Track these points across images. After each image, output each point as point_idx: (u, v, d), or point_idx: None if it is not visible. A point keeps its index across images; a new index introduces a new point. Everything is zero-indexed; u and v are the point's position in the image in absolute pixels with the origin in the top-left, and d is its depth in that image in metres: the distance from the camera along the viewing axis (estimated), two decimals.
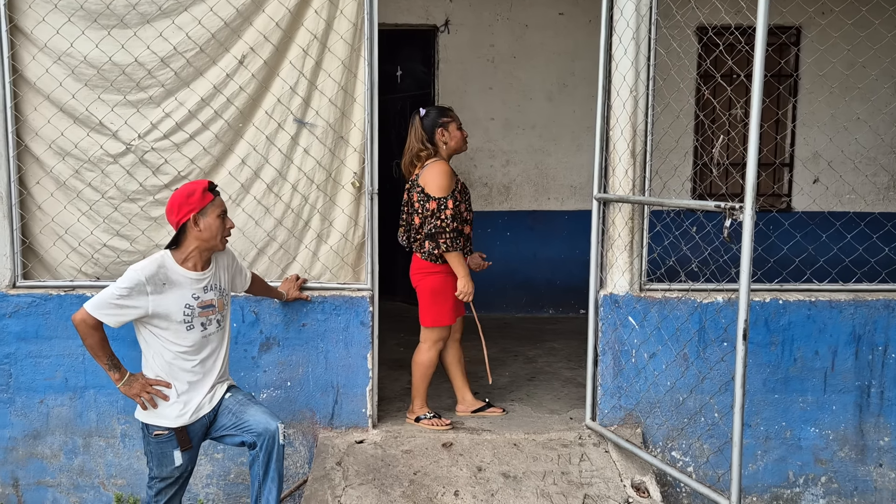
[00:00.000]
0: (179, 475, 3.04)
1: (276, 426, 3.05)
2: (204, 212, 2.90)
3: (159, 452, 2.99)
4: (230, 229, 3.02)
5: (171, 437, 2.96)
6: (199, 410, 3.01)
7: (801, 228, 4.50)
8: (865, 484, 3.84)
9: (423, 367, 3.93)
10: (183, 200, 2.90)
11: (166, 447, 2.98)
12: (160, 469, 3.01)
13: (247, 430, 3.05)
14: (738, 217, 2.84)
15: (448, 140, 3.82)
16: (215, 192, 2.96)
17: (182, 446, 2.98)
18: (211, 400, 3.06)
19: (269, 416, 3.08)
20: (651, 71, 3.64)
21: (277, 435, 3.04)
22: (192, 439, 3.02)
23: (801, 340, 3.76)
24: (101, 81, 3.69)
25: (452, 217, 3.70)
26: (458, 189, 3.79)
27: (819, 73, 5.91)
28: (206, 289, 2.99)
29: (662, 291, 3.75)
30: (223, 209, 2.97)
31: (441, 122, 3.82)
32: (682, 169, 5.46)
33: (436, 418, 3.93)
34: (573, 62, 6.52)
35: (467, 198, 3.89)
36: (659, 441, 3.81)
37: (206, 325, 3.00)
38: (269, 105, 3.75)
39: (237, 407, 3.09)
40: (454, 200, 3.72)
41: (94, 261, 3.84)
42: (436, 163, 3.76)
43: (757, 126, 2.78)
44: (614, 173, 3.72)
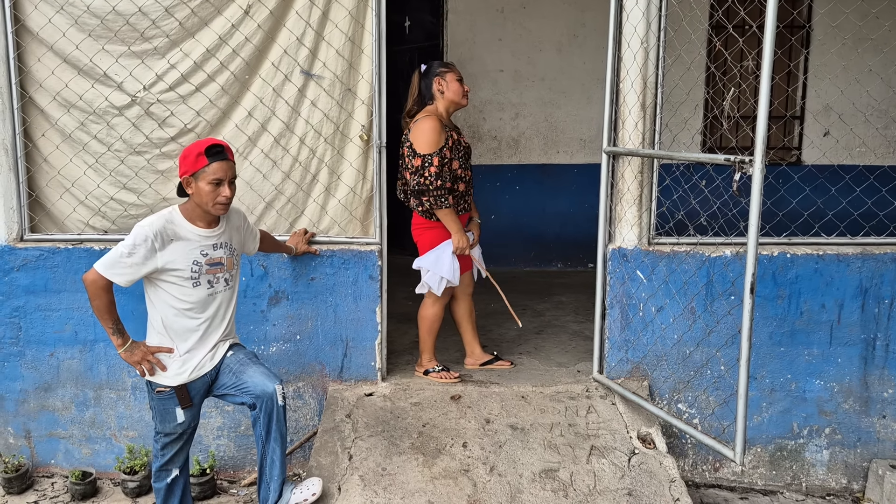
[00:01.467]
0: (183, 431, 3.07)
1: (273, 388, 3.01)
2: (196, 175, 2.84)
3: (162, 409, 3.02)
4: (226, 198, 2.88)
5: (171, 395, 2.98)
6: (199, 368, 3.01)
7: (811, 182, 4.47)
8: (868, 435, 3.89)
9: (428, 321, 3.95)
10: (182, 160, 2.87)
11: (168, 404, 3.00)
12: (163, 425, 3.05)
13: (245, 391, 3.04)
14: (747, 171, 2.82)
15: (445, 90, 3.74)
16: (214, 157, 2.83)
17: (182, 404, 3.00)
18: (213, 358, 3.06)
19: (267, 378, 3.04)
20: (662, 22, 3.57)
21: (276, 397, 3.01)
22: (193, 397, 3.03)
23: (808, 294, 3.76)
24: (105, 31, 3.63)
25: (437, 175, 3.62)
26: (447, 146, 3.68)
27: (832, 24, 5.80)
28: (215, 246, 2.98)
29: (671, 245, 3.75)
30: (217, 177, 2.83)
31: (439, 72, 3.77)
32: (693, 122, 5.41)
33: (444, 371, 3.96)
34: (583, 13, 6.40)
35: (461, 154, 3.78)
36: (665, 393, 3.85)
37: (213, 282, 2.99)
38: (276, 56, 3.70)
39: (237, 367, 3.08)
40: (441, 157, 3.64)
41: (101, 214, 3.84)
42: (425, 119, 3.68)
43: (768, 79, 2.73)
44: (624, 126, 3.68)
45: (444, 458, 3.37)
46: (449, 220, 3.72)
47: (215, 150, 2.85)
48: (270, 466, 3.11)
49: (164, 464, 3.12)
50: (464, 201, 3.86)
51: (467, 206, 3.90)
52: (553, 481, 3.26)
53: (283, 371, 3.88)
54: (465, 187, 3.82)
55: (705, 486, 3.95)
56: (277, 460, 3.10)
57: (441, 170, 3.65)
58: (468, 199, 3.89)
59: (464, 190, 3.82)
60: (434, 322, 3.96)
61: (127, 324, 3.40)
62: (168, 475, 3.13)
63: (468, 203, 3.90)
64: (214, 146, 2.85)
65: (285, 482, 3.14)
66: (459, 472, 3.30)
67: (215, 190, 2.85)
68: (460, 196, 3.82)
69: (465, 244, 3.76)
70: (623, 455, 3.42)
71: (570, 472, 3.31)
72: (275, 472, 3.11)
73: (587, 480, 3.27)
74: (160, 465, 3.12)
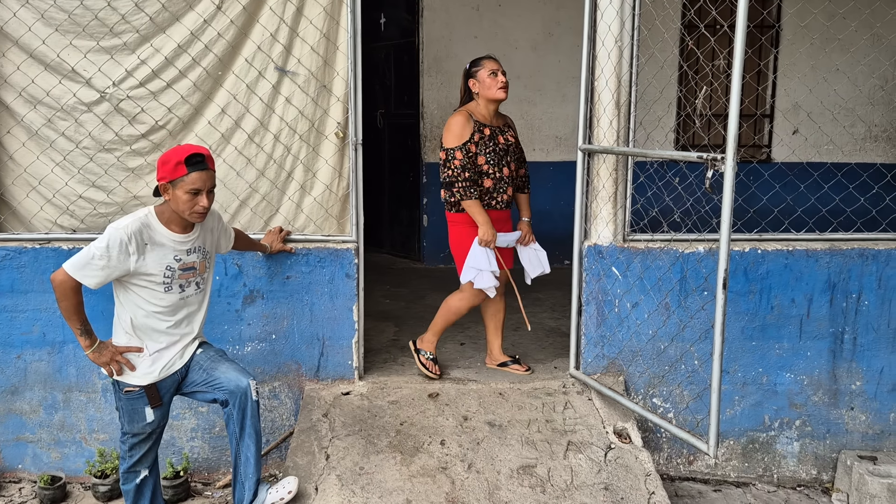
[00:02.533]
0: (151, 431, 3.02)
1: (246, 383, 3.00)
2: (174, 183, 2.78)
3: (130, 409, 2.96)
4: (203, 207, 2.82)
5: (141, 394, 2.93)
6: (169, 367, 2.97)
7: (781, 179, 4.54)
8: (837, 427, 3.96)
9: (448, 311, 3.94)
10: (160, 165, 2.81)
11: (137, 404, 2.95)
12: (131, 425, 2.99)
13: (218, 387, 3.01)
14: (719, 168, 2.86)
15: (479, 88, 3.72)
16: (193, 167, 2.76)
17: (152, 403, 2.96)
18: (182, 356, 3.02)
19: (240, 373, 3.03)
20: (636, 21, 3.61)
21: (249, 391, 3.00)
22: (163, 396, 2.98)
23: (779, 289, 3.82)
24: (73, 26, 3.57)
25: (462, 167, 3.63)
26: (472, 140, 3.66)
27: (801, 24, 5.90)
28: (189, 251, 2.93)
29: (645, 242, 3.79)
30: (196, 187, 2.77)
31: (471, 72, 3.75)
32: (666, 120, 5.48)
33: (431, 362, 3.94)
34: (558, 11, 6.43)
35: (489, 151, 3.70)
36: (640, 388, 3.89)
37: (184, 287, 2.94)
38: (249, 52, 3.66)
39: (208, 363, 3.05)
40: (464, 152, 3.64)
41: (69, 213, 3.77)
42: (453, 114, 3.73)
43: (739, 77, 2.77)
44: (599, 124, 3.71)
45: (422, 457, 3.37)
46: (475, 211, 3.68)
47: (195, 159, 2.78)
48: (245, 465, 3.08)
49: (132, 465, 3.07)
50: (490, 197, 3.76)
51: (500, 203, 3.78)
52: (531, 477, 3.27)
53: (258, 371, 3.84)
54: (492, 184, 3.74)
55: (680, 479, 3.99)
56: (252, 458, 3.07)
57: (467, 163, 3.65)
58: (499, 196, 3.77)
59: (490, 186, 3.74)
60: (451, 314, 3.93)
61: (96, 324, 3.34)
62: (136, 476, 3.08)
63: (501, 201, 3.78)
64: (195, 155, 2.78)
65: (261, 482, 3.12)
66: (437, 469, 3.30)
67: (192, 199, 2.80)
68: (485, 192, 3.74)
69: (490, 237, 3.68)
70: (599, 450, 3.45)
71: (547, 467, 3.33)
72: (249, 470, 3.08)
73: (564, 476, 3.29)
74: (128, 466, 3.07)
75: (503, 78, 3.70)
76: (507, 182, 3.78)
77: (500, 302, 4.02)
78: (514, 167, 3.84)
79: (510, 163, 3.79)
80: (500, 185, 3.76)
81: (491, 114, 3.77)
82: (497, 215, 3.78)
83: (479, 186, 3.72)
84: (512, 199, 3.86)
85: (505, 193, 3.79)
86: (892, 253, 3.79)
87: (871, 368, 3.90)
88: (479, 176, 3.72)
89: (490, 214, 3.74)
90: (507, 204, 3.82)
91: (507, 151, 3.79)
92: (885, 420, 3.95)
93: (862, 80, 6.13)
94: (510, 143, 3.80)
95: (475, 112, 3.75)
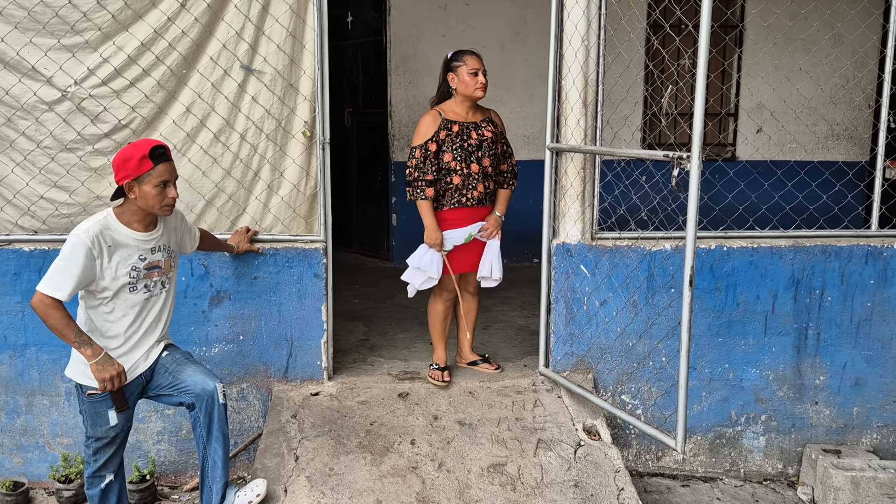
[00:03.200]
0: (115, 435, 2.97)
1: (213, 386, 2.97)
2: (140, 180, 2.74)
3: (93, 412, 2.91)
4: (173, 199, 2.82)
5: (104, 398, 2.88)
6: (133, 370, 2.93)
7: (745, 177, 4.61)
8: (802, 421, 4.03)
9: (430, 315, 3.97)
10: (120, 164, 2.76)
11: (100, 407, 2.90)
12: (95, 429, 2.94)
13: (184, 390, 2.98)
14: (685, 166, 2.89)
15: (457, 85, 3.70)
16: (157, 160, 2.75)
17: (118, 407, 2.90)
18: (146, 359, 2.97)
19: (206, 376, 3.00)
20: (602, 20, 3.63)
21: (216, 395, 2.97)
22: (128, 399, 2.93)
23: (744, 285, 3.88)
24: (33, 24, 3.49)
25: (415, 167, 3.66)
26: (437, 139, 3.65)
27: (764, 24, 5.98)
28: (153, 250, 2.90)
29: (613, 240, 3.81)
30: (164, 179, 2.77)
31: (452, 66, 3.71)
32: (633, 119, 5.52)
33: (438, 371, 3.89)
34: (525, 10, 6.45)
35: (456, 147, 3.66)
36: (609, 385, 3.92)
37: (150, 287, 2.91)
38: (214, 51, 3.61)
39: (174, 366, 3.01)
40: (424, 150, 3.65)
41: (30, 213, 3.69)
42: (426, 112, 3.73)
43: (704, 77, 2.80)
44: (566, 123, 3.73)
45: (393, 456, 3.36)
46: (423, 213, 3.70)
47: (158, 151, 2.77)
48: (212, 468, 3.04)
49: (96, 469, 3.01)
50: (460, 194, 3.73)
51: (470, 200, 3.74)
52: (501, 475, 3.28)
53: (226, 372, 3.80)
54: (460, 180, 3.70)
55: (649, 475, 4.03)
56: (220, 461, 3.04)
57: (423, 162, 3.65)
58: (468, 193, 3.72)
59: (459, 183, 3.71)
60: (433, 317, 3.95)
61: None
62: (101, 481, 3.03)
63: (471, 197, 3.73)
64: (157, 147, 2.77)
65: (229, 485, 3.08)
66: (408, 469, 3.29)
67: (162, 192, 2.78)
68: (455, 189, 3.72)
69: (433, 241, 3.70)
70: (569, 447, 3.47)
71: (517, 465, 3.34)
72: (217, 473, 3.04)
73: (534, 473, 3.30)
74: (93, 470, 3.02)
75: (483, 79, 3.68)
76: (478, 178, 3.74)
77: (473, 301, 4.01)
78: (490, 162, 3.76)
79: (482, 158, 3.73)
80: (469, 181, 3.73)
81: (466, 110, 3.76)
82: (467, 213, 3.77)
83: (439, 184, 3.71)
84: (488, 194, 3.80)
85: (475, 190, 3.74)
86: (855, 250, 3.87)
87: (834, 363, 3.97)
88: (448, 173, 3.71)
89: (460, 212, 3.74)
90: (478, 200, 3.77)
91: (480, 147, 3.73)
92: (849, 414, 4.03)
93: (824, 79, 6.24)
94: (485, 138, 3.74)
95: (447, 109, 3.74)
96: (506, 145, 3.87)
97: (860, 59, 6.13)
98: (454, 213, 3.75)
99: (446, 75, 3.74)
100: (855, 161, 6.31)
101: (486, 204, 3.81)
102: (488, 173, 3.77)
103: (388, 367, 4.09)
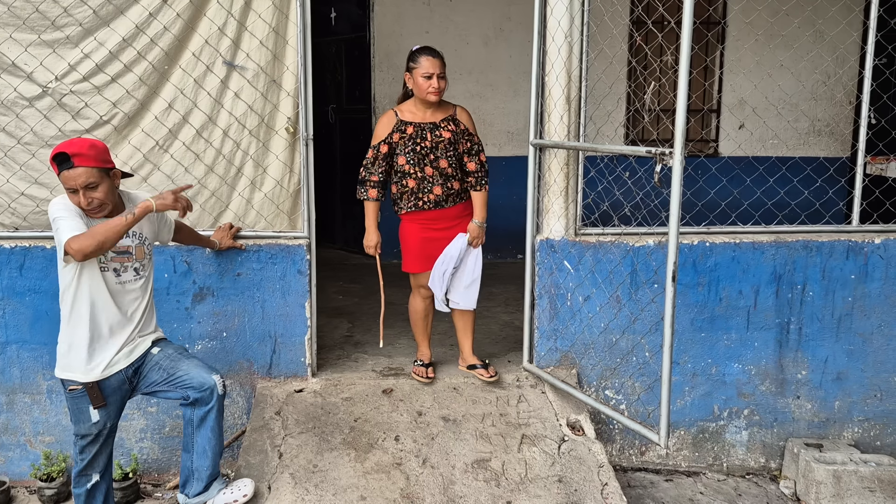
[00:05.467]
0: (98, 432, 2.94)
1: (213, 379, 2.98)
2: (61, 180, 2.77)
3: (75, 408, 2.91)
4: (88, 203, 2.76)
5: (83, 393, 2.87)
6: (111, 366, 2.90)
7: (727, 173, 4.64)
8: (784, 415, 4.07)
9: (410, 313, 3.94)
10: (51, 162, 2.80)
11: (80, 403, 2.89)
12: (78, 426, 2.93)
13: (183, 384, 2.97)
14: (668, 162, 2.90)
15: (412, 86, 3.61)
16: (61, 166, 2.72)
17: (94, 403, 2.88)
18: (128, 355, 2.95)
19: (205, 370, 3.01)
20: (585, 17, 3.64)
21: (216, 388, 2.98)
22: (108, 396, 2.91)
23: (727, 281, 3.90)
24: (13, 19, 3.46)
25: (366, 166, 3.65)
26: (390, 140, 3.60)
27: (746, 20, 6.01)
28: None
29: (596, 236, 3.83)
30: (69, 186, 2.74)
31: (409, 67, 3.61)
32: (616, 115, 5.53)
33: (422, 367, 3.88)
34: (509, 6, 6.46)
35: (408, 149, 3.59)
36: (593, 381, 3.93)
37: (119, 271, 2.89)
38: (197, 46, 3.59)
39: (168, 362, 3.00)
40: (375, 151, 3.63)
41: (11, 210, 3.66)
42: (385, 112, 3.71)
43: (686, 73, 2.81)
44: (550, 119, 3.73)
45: (377, 453, 3.36)
46: (366, 213, 3.71)
47: (60, 157, 2.73)
48: (199, 455, 3.05)
49: (83, 468, 2.99)
50: (416, 198, 3.65)
51: (427, 203, 3.65)
52: (485, 471, 3.29)
53: None
54: (415, 184, 3.63)
55: (632, 470, 4.05)
56: (209, 450, 3.05)
57: (373, 163, 3.63)
58: (424, 196, 3.64)
59: (414, 186, 3.63)
60: (413, 316, 3.92)
61: (42, 324, 3.25)
62: (88, 480, 3.01)
63: (428, 201, 3.65)
64: (58, 154, 2.73)
65: (216, 478, 3.08)
66: (392, 465, 3.29)
67: (80, 196, 2.77)
68: (411, 193, 3.65)
69: (369, 242, 3.71)
70: (553, 443, 3.48)
71: (501, 461, 3.35)
72: (204, 462, 3.05)
73: (518, 469, 3.31)
74: (80, 469, 3.00)
75: (437, 83, 3.54)
76: (433, 181, 3.63)
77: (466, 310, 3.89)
78: (449, 163, 3.63)
79: (438, 160, 3.61)
80: (424, 184, 3.63)
81: (424, 109, 3.64)
82: (428, 215, 3.68)
83: (402, 188, 3.66)
84: (449, 196, 3.68)
85: (430, 193, 3.63)
86: (836, 245, 3.90)
87: (815, 358, 4.01)
88: (403, 176, 3.65)
89: (419, 215, 3.68)
90: (435, 203, 3.65)
91: (436, 148, 3.61)
92: (830, 408, 4.07)
93: (805, 75, 6.29)
94: (442, 139, 3.61)
95: (405, 109, 3.66)
96: (472, 142, 3.70)
97: (841, 55, 6.18)
98: (412, 216, 3.71)
99: (405, 74, 3.66)
100: (836, 157, 6.36)
101: (446, 205, 3.69)
102: (448, 174, 3.64)
103: (372, 363, 4.08)
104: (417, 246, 3.74)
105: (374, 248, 3.73)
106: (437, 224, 3.71)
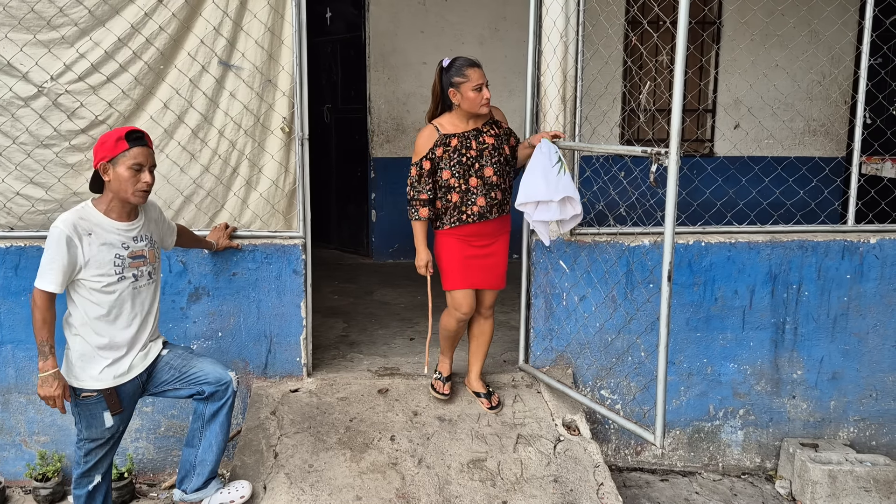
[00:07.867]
0: (111, 436, 2.94)
1: (230, 375, 3.05)
2: (114, 161, 2.74)
3: (88, 415, 2.88)
4: (146, 184, 2.79)
5: (99, 400, 2.85)
6: (130, 371, 2.90)
7: (723, 173, 4.64)
8: (780, 415, 4.07)
9: (441, 328, 3.69)
10: (99, 146, 2.78)
11: (95, 409, 2.86)
12: (90, 431, 2.90)
13: (198, 381, 3.01)
14: (663, 162, 2.91)
15: (460, 102, 3.40)
16: (134, 143, 2.75)
17: (112, 409, 2.87)
18: (144, 358, 2.95)
19: (221, 366, 3.07)
20: (581, 16, 3.65)
21: (232, 383, 3.05)
22: (123, 400, 2.90)
23: (722, 280, 3.91)
24: (8, 19, 3.45)
25: (410, 185, 3.46)
26: (433, 156, 3.42)
27: (741, 20, 6.03)
28: (136, 238, 2.88)
29: (592, 236, 3.83)
30: (138, 161, 2.75)
31: (453, 82, 3.39)
32: (611, 115, 5.55)
33: (440, 381, 3.75)
34: (504, 6, 6.46)
35: (454, 162, 3.42)
36: (589, 381, 3.94)
37: (137, 276, 2.88)
38: (192, 46, 3.59)
39: (179, 361, 3.02)
40: (419, 168, 3.43)
41: (6, 210, 3.65)
42: (425, 126, 3.52)
43: (682, 73, 2.82)
44: (545, 119, 3.74)
45: (372, 453, 3.36)
46: (415, 233, 3.50)
47: (135, 135, 2.79)
48: (206, 449, 3.08)
49: (86, 471, 2.97)
50: (459, 212, 3.47)
51: (471, 217, 3.47)
52: (481, 471, 3.29)
53: None
54: (458, 197, 3.44)
55: (628, 470, 4.06)
56: (215, 445, 3.07)
57: (418, 181, 3.45)
58: (468, 210, 3.46)
59: (457, 200, 3.45)
60: (444, 331, 3.68)
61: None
62: (90, 482, 2.99)
63: (472, 213, 3.46)
64: (134, 132, 2.79)
65: (215, 477, 3.09)
66: (388, 465, 3.29)
67: (136, 176, 2.77)
68: (454, 207, 3.46)
69: (420, 262, 3.49)
70: (549, 443, 3.48)
71: (497, 461, 3.35)
72: (209, 456, 3.07)
73: (514, 469, 3.32)
74: (82, 471, 2.97)
75: (488, 93, 3.40)
76: (477, 192, 3.45)
77: (486, 324, 3.71)
78: (494, 171, 3.46)
79: (484, 168, 3.45)
80: (468, 196, 3.45)
81: (465, 120, 3.47)
82: (469, 230, 3.50)
83: (446, 202, 3.48)
84: (493, 207, 3.49)
85: (474, 205, 3.45)
86: (831, 245, 3.91)
87: (811, 357, 4.02)
88: (447, 191, 3.46)
89: (460, 230, 3.50)
90: (479, 215, 3.47)
91: (481, 156, 3.45)
92: (826, 408, 4.08)
93: (800, 75, 6.30)
94: (486, 145, 3.46)
95: (446, 123, 3.47)
96: (514, 136, 3.59)
97: (836, 55, 6.19)
98: (452, 231, 3.51)
99: (446, 90, 3.43)
100: (831, 157, 6.36)
101: (491, 217, 3.50)
102: (492, 183, 3.47)
103: (367, 363, 4.08)
104: (461, 263, 3.53)
105: (425, 267, 3.51)
106: (477, 241, 3.52)
